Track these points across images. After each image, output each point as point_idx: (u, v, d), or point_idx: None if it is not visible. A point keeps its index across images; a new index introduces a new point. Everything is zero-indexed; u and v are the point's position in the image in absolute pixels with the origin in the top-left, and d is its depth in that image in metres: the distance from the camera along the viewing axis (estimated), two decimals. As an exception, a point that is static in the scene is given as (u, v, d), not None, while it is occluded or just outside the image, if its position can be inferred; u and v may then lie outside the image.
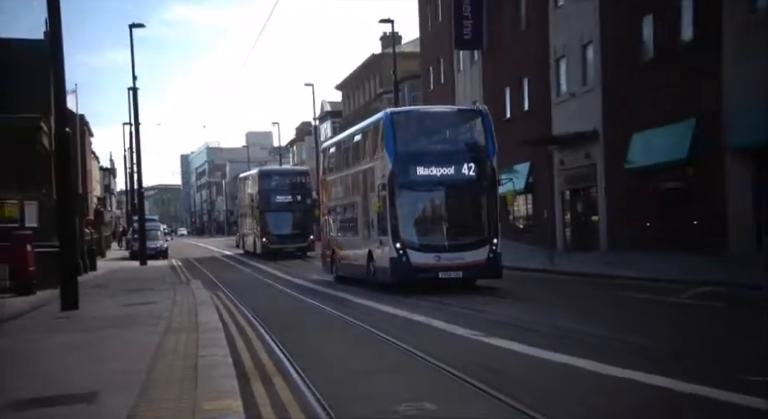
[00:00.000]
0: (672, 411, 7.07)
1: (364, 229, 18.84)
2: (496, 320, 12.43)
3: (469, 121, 17.71)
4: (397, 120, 16.81)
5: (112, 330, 12.99)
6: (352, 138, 21.37)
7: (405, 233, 16.07)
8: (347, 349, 11.25)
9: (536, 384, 8.00)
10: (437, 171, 16.32)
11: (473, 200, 16.96)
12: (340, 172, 22.54)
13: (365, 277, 18.70)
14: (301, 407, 7.52)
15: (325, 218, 25.00)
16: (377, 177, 17.03)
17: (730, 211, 21.36)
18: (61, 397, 7.23)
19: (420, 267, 15.80)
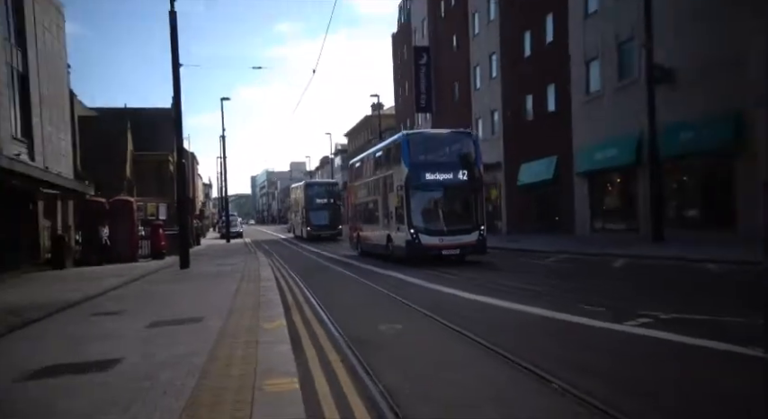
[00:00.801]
0: (540, 326, 7.65)
1: (384, 219, 19.65)
2: (466, 280, 12.81)
3: (463, 141, 18.26)
4: (411, 139, 17.65)
5: (211, 280, 14.74)
6: (373, 155, 22.03)
7: (417, 221, 16.80)
8: (353, 294, 12.09)
9: (467, 314, 8.60)
10: (440, 176, 17.11)
11: (466, 197, 17.59)
12: (363, 179, 23.52)
13: (384, 253, 19.60)
14: (319, 322, 8.63)
15: (351, 212, 26.28)
16: (395, 181, 17.92)
17: (576, 210, 27.61)
18: (185, 319, 8.44)
19: (428, 246, 16.59)
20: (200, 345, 6.43)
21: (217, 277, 15.18)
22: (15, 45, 21.19)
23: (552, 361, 5.58)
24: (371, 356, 6.14)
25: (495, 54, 35.75)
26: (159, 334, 7.36)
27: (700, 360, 5.66)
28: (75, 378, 5.37)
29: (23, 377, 5.51)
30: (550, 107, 29.93)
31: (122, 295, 12.23)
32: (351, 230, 26.30)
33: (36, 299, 11.41)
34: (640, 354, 6.00)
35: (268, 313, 8.52)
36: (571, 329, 7.33)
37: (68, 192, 24.34)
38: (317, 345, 6.91)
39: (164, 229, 25.97)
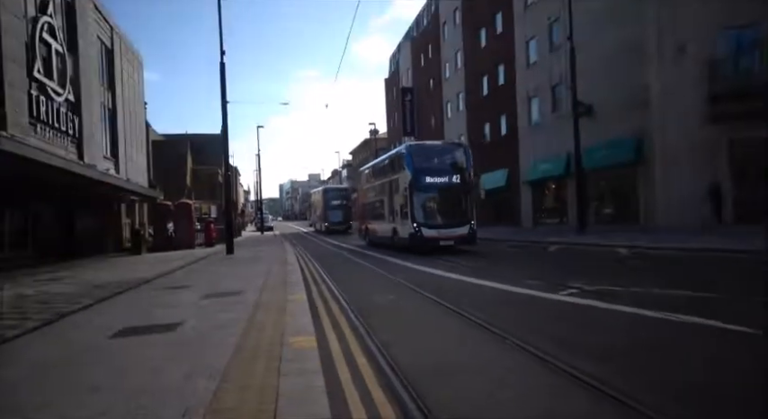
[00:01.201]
0: (495, 296, 7.53)
1: (390, 215, 18.20)
2: (454, 265, 11.83)
3: (456, 150, 16.67)
4: (413, 150, 16.36)
5: (249, 263, 14.54)
6: (381, 163, 20.41)
7: (419, 217, 15.45)
8: (358, 274, 11.56)
9: (448, 289, 8.40)
10: (437, 179, 15.74)
11: (459, 196, 16.07)
12: (371, 183, 21.66)
13: (389, 243, 18.14)
14: (330, 293, 8.56)
15: (360, 210, 24.40)
16: (401, 184, 16.60)
17: (522, 209, 27.59)
18: (230, 293, 8.34)
19: (428, 238, 15.24)
20: (242, 313, 6.37)
21: (253, 261, 15.03)
22: (107, 88, 21.14)
23: (502, 321, 5.55)
24: (370, 317, 6.09)
25: (462, 93, 35.80)
26: (211, 303, 7.29)
27: (613, 319, 5.63)
28: (148, 337, 5.31)
29: (110, 335, 5.46)
30: (503, 132, 29.85)
31: (183, 274, 12.13)
32: (360, 224, 24.66)
33: (119, 277, 11.34)
34: (568, 315, 5.97)
35: (292, 289, 8.42)
36: (518, 298, 7.31)
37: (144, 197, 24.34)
38: (330, 313, 6.86)
39: (214, 224, 26.05)
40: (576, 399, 3.39)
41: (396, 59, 55.17)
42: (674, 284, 7.42)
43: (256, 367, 4.02)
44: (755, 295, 6.30)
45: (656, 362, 4.08)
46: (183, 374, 3.91)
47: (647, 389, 3.45)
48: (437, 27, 40.58)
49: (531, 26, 26.08)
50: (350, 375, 4.08)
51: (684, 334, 4.87)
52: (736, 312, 5.52)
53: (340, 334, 5.47)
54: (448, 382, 3.86)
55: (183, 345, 4.85)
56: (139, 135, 25.85)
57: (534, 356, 4.31)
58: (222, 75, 17.53)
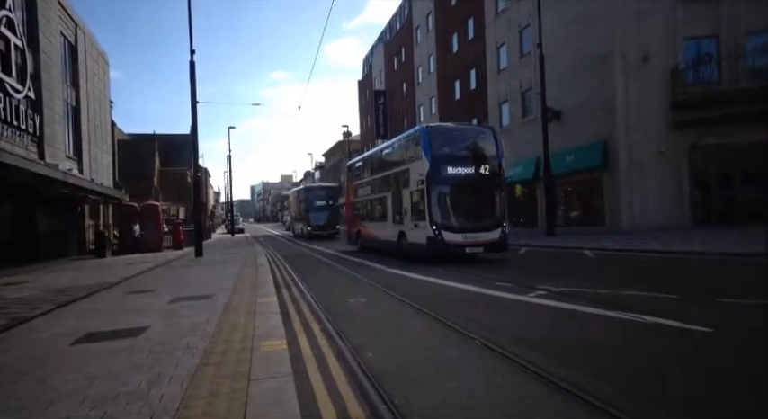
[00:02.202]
0: (467, 298, 7.51)
1: (395, 216, 14.88)
2: (447, 271, 10.93)
3: (483, 134, 13.65)
4: (432, 132, 13.12)
5: (219, 265, 14.27)
6: (380, 152, 17.29)
7: (439, 217, 12.50)
8: (332, 276, 10.98)
9: (426, 294, 8.40)
10: (462, 170, 12.77)
11: (489, 192, 13.15)
12: (366, 177, 18.29)
13: (394, 250, 14.95)
14: (302, 297, 8.38)
15: (351, 209, 20.30)
16: (413, 176, 13.52)
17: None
18: (199, 296, 8.21)
19: (451, 244, 12.36)
20: (211, 316, 6.26)
21: (223, 263, 14.76)
22: (70, 86, 20.46)
23: (472, 323, 5.62)
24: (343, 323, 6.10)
25: (434, 97, 36.16)
26: (178, 307, 7.11)
27: (576, 319, 5.75)
28: (112, 343, 5.14)
29: (72, 341, 5.26)
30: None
31: (149, 277, 11.80)
32: (349, 227, 20.76)
33: (82, 281, 10.98)
34: (536, 317, 6.06)
35: (263, 291, 8.30)
36: (488, 300, 7.36)
37: (109, 198, 23.63)
38: (301, 315, 6.78)
39: (182, 227, 25.50)
40: (547, 401, 3.45)
41: (369, 62, 55.27)
42: (638, 285, 7.63)
43: (225, 372, 3.95)
44: (714, 295, 6.55)
45: (623, 363, 4.18)
46: (149, 381, 3.81)
47: (620, 393, 3.54)
48: (410, 31, 40.89)
49: (501, 33, 26.58)
50: (321, 378, 4.06)
51: (649, 335, 5.00)
52: (695, 312, 5.72)
53: (311, 338, 5.41)
54: (418, 384, 3.88)
55: (150, 351, 4.72)
56: (105, 134, 25.12)
57: (504, 357, 4.35)
58: (192, 74, 17.20)
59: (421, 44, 38.72)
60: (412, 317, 6.36)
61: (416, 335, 5.42)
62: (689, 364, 4.05)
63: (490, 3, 27.72)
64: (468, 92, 30.79)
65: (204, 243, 20.35)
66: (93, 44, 23.34)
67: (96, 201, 23.26)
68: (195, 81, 17.27)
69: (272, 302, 7.19)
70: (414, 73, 40.17)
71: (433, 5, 35.74)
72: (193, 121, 17.46)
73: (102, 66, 24.92)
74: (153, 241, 22.58)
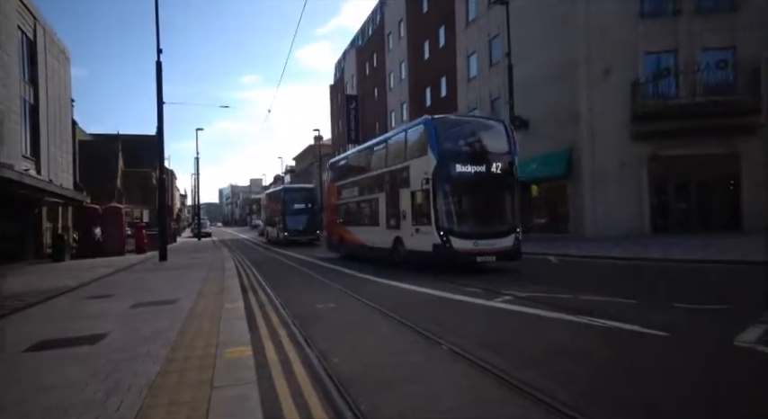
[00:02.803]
0: (439, 305, 7.63)
1: (390, 219, 13.23)
2: (424, 277, 10.58)
3: (495, 128, 12.24)
4: (439, 125, 11.55)
5: (183, 270, 13.92)
6: (370, 149, 15.56)
7: (447, 222, 10.99)
8: (299, 281, 11.01)
9: (391, 298, 8.43)
10: (472, 168, 11.31)
11: (502, 193, 11.72)
12: (352, 177, 16.50)
13: (387, 256, 13.31)
14: (269, 303, 8.30)
15: (333, 212, 18.41)
16: (415, 175, 11.92)
17: None
18: (161, 302, 7.99)
19: (461, 252, 10.83)
20: (174, 322, 6.08)
21: (189, 268, 14.37)
22: (28, 83, 19.70)
23: (439, 328, 5.66)
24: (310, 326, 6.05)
25: (405, 103, 36.44)
26: (140, 313, 6.89)
27: (540, 324, 5.87)
28: (68, 350, 4.94)
29: (24, 348, 5.03)
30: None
31: (110, 282, 11.40)
32: (330, 232, 18.92)
33: (37, 286, 10.52)
34: (501, 321, 6.16)
35: (230, 296, 8.13)
36: (455, 305, 7.44)
37: (68, 200, 22.82)
38: (268, 320, 6.69)
39: (146, 230, 24.80)
40: (511, 404, 3.50)
41: (341, 66, 55.30)
42: (599, 291, 7.83)
43: (187, 380, 3.85)
44: (670, 300, 6.80)
45: (582, 367, 4.28)
46: (107, 389, 3.68)
47: (579, 396, 3.63)
48: (382, 37, 41.15)
49: (471, 42, 27.04)
50: (287, 385, 4.01)
51: (608, 339, 5.15)
52: (652, 317, 5.92)
53: (277, 345, 5.35)
54: (385, 389, 3.88)
55: (108, 359, 4.55)
56: (65, 134, 24.24)
57: (469, 362, 4.40)
58: (158, 74, 16.81)
59: (393, 50, 39.00)
60: (378, 322, 6.36)
61: (383, 340, 5.43)
62: (645, 367, 4.18)
63: (461, 12, 28.20)
64: (438, 99, 31.15)
65: (169, 247, 19.82)
66: (53, 40, 22.54)
67: (55, 203, 22.40)
68: (162, 81, 16.89)
69: (239, 308, 7.04)
70: (385, 78, 40.40)
71: (404, 13, 36.09)
72: (159, 122, 17.06)
73: (62, 62, 24.08)
74: (115, 245, 21.83)
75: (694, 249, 12.91)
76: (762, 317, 5.54)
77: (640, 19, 18.67)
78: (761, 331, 4.99)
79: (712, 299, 6.77)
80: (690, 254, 11.93)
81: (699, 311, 6.17)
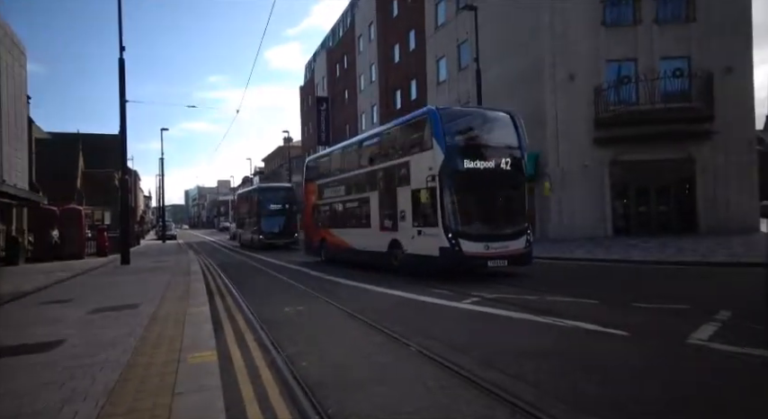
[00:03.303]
0: (405, 307, 7.63)
1: (385, 220, 12.17)
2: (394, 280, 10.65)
3: (504, 121, 11.23)
4: (445, 116, 10.54)
5: (147, 273, 13.51)
6: (359, 145, 14.44)
7: (456, 223, 9.96)
8: (268, 285, 10.73)
9: (358, 299, 8.40)
10: (481, 164, 10.32)
11: (512, 191, 10.87)
12: (337, 175, 15.36)
13: (382, 263, 12.26)
14: (237, 307, 8.14)
15: (313, 213, 17.20)
16: (417, 171, 10.81)
17: None
18: (123, 306, 7.73)
19: (471, 256, 9.86)
20: (135, 328, 5.89)
21: (152, 271, 13.93)
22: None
23: (408, 330, 5.68)
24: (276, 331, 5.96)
25: (376, 105, 36.49)
26: (99, 318, 6.62)
27: (507, 324, 5.97)
28: (20, 358, 4.71)
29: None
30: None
31: (68, 286, 10.93)
32: (309, 235, 17.71)
33: (-11, 292, 10.01)
34: (469, 323, 6.24)
35: (195, 300, 7.92)
36: (424, 306, 7.49)
37: (23, 201, 21.87)
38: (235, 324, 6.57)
39: (107, 232, 23.97)
40: (476, 404, 3.54)
41: (311, 68, 54.95)
42: (563, 291, 8.03)
43: (148, 386, 3.73)
44: (629, 300, 7.05)
45: (546, 366, 4.36)
46: (62, 398, 3.52)
47: (543, 395, 3.70)
48: (353, 39, 41.13)
49: (441, 46, 27.33)
50: (253, 390, 3.94)
51: (571, 338, 5.29)
52: (613, 317, 6.12)
53: (242, 346, 5.26)
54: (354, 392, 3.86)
55: (64, 366, 4.36)
56: (20, 132, 23.21)
57: (437, 363, 4.43)
58: (121, 72, 16.31)
59: (363, 53, 39.04)
60: (346, 324, 6.34)
61: (351, 343, 5.41)
62: (607, 366, 4.31)
63: (430, 16, 28.49)
64: (409, 102, 31.32)
65: (132, 250, 19.26)
66: (7, 34, 21.58)
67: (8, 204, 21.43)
68: (125, 79, 16.39)
69: (204, 312, 6.88)
70: (356, 80, 40.38)
71: (375, 15, 36.20)
72: (122, 121, 16.53)
73: (18, 58, 23.08)
74: (74, 247, 20.98)
75: (653, 251, 13.39)
76: (714, 316, 5.80)
77: (603, 27, 19.29)
78: (713, 329, 5.22)
79: (669, 299, 7.02)
80: (649, 256, 12.38)
81: (656, 311, 6.40)
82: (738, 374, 3.99)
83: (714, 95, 18.21)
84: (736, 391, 3.64)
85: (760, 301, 6.90)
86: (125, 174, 17.44)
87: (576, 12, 19.29)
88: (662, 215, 19.19)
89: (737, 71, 18.49)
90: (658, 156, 18.41)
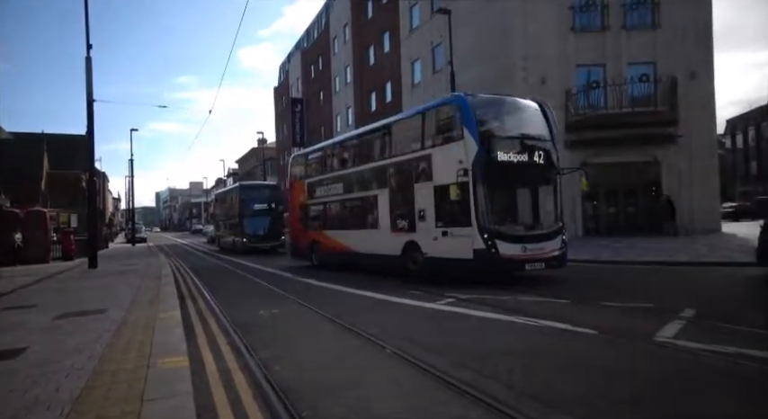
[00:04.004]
0: (387, 308, 7.66)
1: (399, 221, 11.01)
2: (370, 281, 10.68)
3: (533, 110, 10.30)
4: (476, 103, 9.59)
5: (115, 277, 13.17)
6: (365, 137, 13.22)
7: (492, 222, 8.98)
8: (241, 286, 10.74)
9: (332, 300, 8.38)
10: (515, 157, 9.37)
11: (547, 187, 9.97)
12: (334, 172, 14.16)
13: (394, 267, 11.04)
14: (210, 311, 7.99)
15: (303, 214, 15.70)
16: (445, 164, 9.59)
17: None
18: (90, 311, 7.52)
19: (508, 258, 8.91)
20: (103, 333, 5.72)
21: (121, 275, 13.54)
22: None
23: (383, 332, 5.68)
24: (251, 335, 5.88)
25: (351, 107, 36.43)
26: (65, 324, 6.42)
27: (481, 324, 6.03)
28: (-21, 367, 4.53)
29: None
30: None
31: (33, 291, 10.55)
32: (297, 237, 16.24)
33: (-54, 298, 9.56)
34: (444, 323, 6.28)
35: (165, 304, 7.73)
36: (398, 308, 7.50)
37: (-17, 204, 21.03)
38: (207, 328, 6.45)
39: (74, 235, 23.19)
40: (452, 404, 3.57)
41: (285, 69, 54.48)
42: (535, 292, 8.18)
43: (116, 393, 3.62)
44: (598, 299, 7.21)
45: (519, 365, 4.42)
46: (24, 407, 3.40)
47: (516, 394, 3.74)
48: (327, 40, 40.99)
49: (415, 48, 27.49)
50: (225, 395, 3.87)
51: (543, 337, 5.38)
52: (582, 316, 6.25)
53: (214, 348, 5.16)
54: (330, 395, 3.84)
55: (27, 374, 4.21)
56: (-20, 131, 22.36)
57: (412, 365, 4.43)
58: (88, 70, 15.82)
59: (338, 54, 38.93)
60: (322, 327, 6.30)
61: (326, 345, 5.38)
62: (578, 364, 4.40)
63: (405, 18, 28.62)
64: (384, 104, 31.38)
65: (100, 253, 18.68)
66: (-32, 30, 20.76)
67: (-32, 207, 20.55)
68: (92, 78, 15.89)
69: (175, 316, 6.72)
70: (331, 82, 40.24)
71: (350, 17, 36.17)
72: (89, 121, 16.01)
73: (-21, 54, 22.23)
74: (39, 251, 20.21)
75: (622, 251, 13.75)
76: (680, 314, 5.98)
77: (571, 33, 19.74)
78: (678, 327, 5.39)
79: (637, 298, 7.21)
80: (618, 256, 12.72)
81: (625, 309, 6.56)
82: (702, 370, 4.12)
83: (678, 100, 18.86)
84: (700, 386, 3.76)
85: (722, 299, 7.19)
86: (93, 176, 16.92)
87: (546, 17, 19.67)
88: (630, 216, 19.73)
89: (700, 77, 19.17)
90: (626, 158, 18.91)
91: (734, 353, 4.36)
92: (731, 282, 8.75)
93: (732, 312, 6.08)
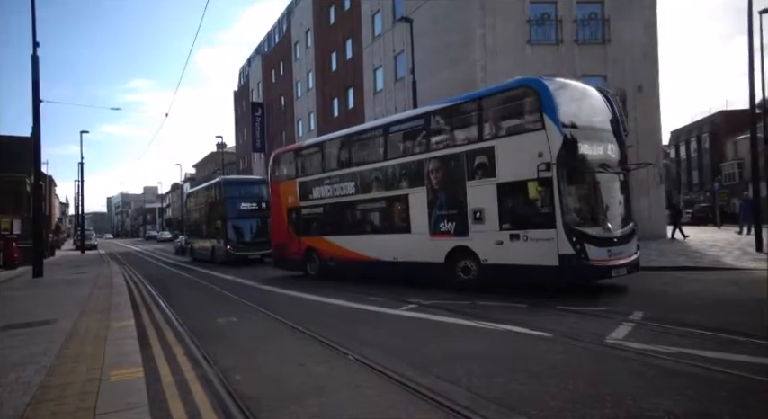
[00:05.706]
0: (350, 315, 7.64)
1: (443, 223, 9.61)
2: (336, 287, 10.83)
3: (597, 98, 9.23)
4: (555, 88, 8.39)
5: (63, 287, 12.55)
6: (383, 130, 11.61)
7: (579, 224, 8.00)
8: (197, 294, 10.45)
9: (295, 308, 8.31)
10: (595, 150, 8.46)
11: (623, 184, 8.95)
12: (342, 169, 12.39)
13: (438, 277, 9.70)
14: (165, 320, 7.80)
15: (296, 218, 13.84)
16: (514, 157, 8.47)
17: None
18: (36, 322, 7.20)
19: (598, 265, 7.88)
20: (50, 345, 5.44)
21: (70, 284, 12.87)
22: None
23: (345, 339, 5.70)
24: (209, 344, 5.74)
25: (313, 113, 36.25)
26: (8, 337, 6.07)
27: (442, 330, 6.12)
28: None
29: None
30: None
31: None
32: (284, 244, 14.22)
33: None
34: (406, 329, 6.33)
35: (117, 313, 7.43)
36: (362, 315, 7.53)
37: None
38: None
39: (17, 242, 21.97)
40: (413, 409, 3.61)
41: (246, 73, 53.65)
42: (494, 296, 8.34)
43: (66, 408, 3.47)
44: (554, 303, 7.46)
45: (478, 369, 4.52)
46: (-37, 427, 3.21)
47: (475, 397, 3.82)
48: (289, 45, 40.70)
49: (378, 56, 27.70)
50: (183, 407, 3.77)
51: (501, 341, 5.53)
52: (539, 320, 6.45)
53: (171, 359, 5.02)
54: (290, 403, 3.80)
55: (-35, 391, 3.97)
56: None
57: (374, 370, 4.46)
58: (35, 69, 15.07)
59: (300, 59, 38.71)
60: (284, 335, 6.24)
61: (288, 353, 5.33)
62: (534, 366, 4.53)
63: (367, 26, 28.82)
64: (346, 110, 31.41)
65: (46, 261, 17.75)
66: None
67: None
68: (38, 77, 15.14)
69: (129, 326, 6.48)
70: (293, 87, 39.94)
71: (312, 23, 36.08)
72: (35, 122, 15.24)
73: None
74: (-23, 259, 19.16)
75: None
76: (630, 317, 6.27)
77: (527, 44, 20.41)
78: (627, 329, 5.65)
79: (592, 302, 7.48)
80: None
81: (579, 313, 6.79)
82: (649, 368, 4.32)
83: (627, 112, 19.81)
84: (648, 384, 3.94)
85: (667, 302, 7.57)
86: (38, 180, 16.04)
87: (505, 29, 20.25)
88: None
89: (647, 90, 20.24)
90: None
91: (676, 353, 4.60)
92: (680, 285, 9.17)
93: (678, 314, 6.42)
